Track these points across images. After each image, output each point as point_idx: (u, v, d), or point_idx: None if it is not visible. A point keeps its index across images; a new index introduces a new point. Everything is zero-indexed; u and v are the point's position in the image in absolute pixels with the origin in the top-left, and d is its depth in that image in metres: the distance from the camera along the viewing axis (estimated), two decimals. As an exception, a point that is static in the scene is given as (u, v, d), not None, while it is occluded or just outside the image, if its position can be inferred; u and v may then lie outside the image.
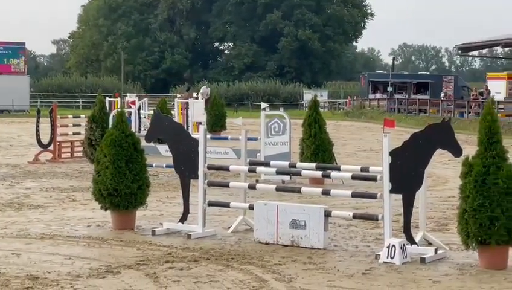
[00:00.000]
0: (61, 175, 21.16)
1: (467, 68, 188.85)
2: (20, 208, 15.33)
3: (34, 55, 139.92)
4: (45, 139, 25.31)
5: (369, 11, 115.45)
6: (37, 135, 25.53)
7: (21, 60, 76.12)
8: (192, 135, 13.63)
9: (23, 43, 78.83)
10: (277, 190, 12.96)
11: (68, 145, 25.80)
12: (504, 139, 10.64)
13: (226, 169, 13.46)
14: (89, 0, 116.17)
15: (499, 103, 46.98)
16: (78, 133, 26.29)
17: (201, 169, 12.51)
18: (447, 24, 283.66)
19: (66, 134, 26.46)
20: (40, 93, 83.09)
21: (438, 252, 11.04)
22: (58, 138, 25.52)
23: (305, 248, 11.54)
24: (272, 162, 13.47)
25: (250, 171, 13.02)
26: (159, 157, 20.10)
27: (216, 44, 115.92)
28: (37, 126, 25.69)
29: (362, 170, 11.84)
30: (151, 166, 16.33)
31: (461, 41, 62.97)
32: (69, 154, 25.59)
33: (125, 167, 12.81)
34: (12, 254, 11.03)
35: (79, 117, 29.42)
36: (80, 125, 26.81)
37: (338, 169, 12.67)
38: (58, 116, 26.49)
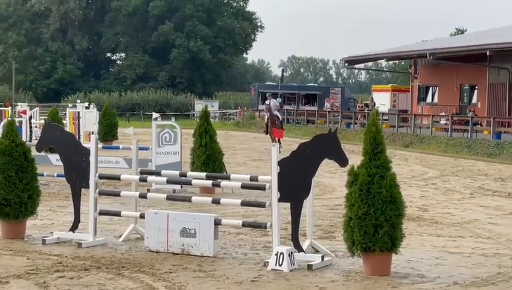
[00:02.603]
0: (-50, 184, 20.63)
1: (354, 80, 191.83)
2: None
3: None
4: None
5: (259, 23, 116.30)
6: None
7: None
8: (83, 145, 13.48)
9: None
10: (168, 199, 12.91)
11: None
12: (388, 149, 10.84)
13: (117, 178, 13.37)
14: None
15: (383, 114, 47.85)
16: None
17: (93, 178, 12.39)
18: (335, 37, 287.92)
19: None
20: None
21: (325, 259, 11.16)
22: None
23: (196, 256, 11.53)
24: (163, 172, 13.42)
25: (141, 180, 12.95)
26: (50, 167, 19.80)
27: (108, 54, 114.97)
28: None
29: (251, 179, 11.88)
30: (42, 175, 16.08)
31: (348, 54, 63.92)
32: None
33: (16, 176, 12.61)
34: None
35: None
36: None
37: (228, 178, 12.71)
38: None
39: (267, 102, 39.01)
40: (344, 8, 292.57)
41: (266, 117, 38.06)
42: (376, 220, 10.29)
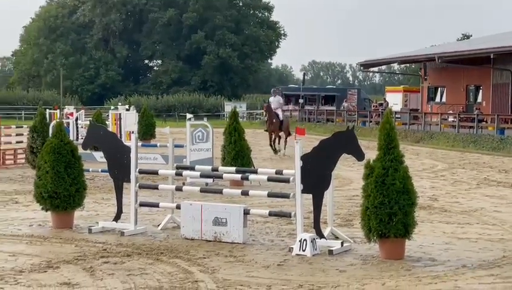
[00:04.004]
0: (5, 180, 20.78)
1: (369, 82, 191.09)
2: (-33, 210, 15.02)
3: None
4: (-9, 148, 24.88)
5: (282, 32, 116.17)
6: (-17, 143, 25.06)
7: (-32, 76, 74.62)
8: (124, 143, 13.52)
9: (-31, 61, 77.28)
10: (201, 191, 12.93)
11: (12, 153, 25.38)
12: (400, 144, 10.79)
13: (156, 173, 13.39)
14: (30, 21, 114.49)
15: (396, 112, 47.68)
16: (21, 142, 25.89)
17: (133, 173, 12.42)
18: (352, 43, 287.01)
19: (10, 142, 26.03)
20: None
21: (344, 245, 11.14)
22: (3, 146, 25.08)
23: (227, 242, 11.53)
24: (197, 167, 13.43)
25: (177, 174, 12.96)
26: (95, 163, 19.90)
27: (146, 61, 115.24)
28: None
29: (277, 172, 11.88)
30: (88, 171, 16.14)
31: (363, 58, 63.65)
32: (13, 161, 25.18)
33: (64, 171, 12.66)
34: (-40, 252, 10.81)
35: (22, 127, 28.95)
36: (22, 134, 26.40)
37: (255, 172, 12.70)
38: (2, 127, 26.03)
39: (270, 99, 32.22)
40: (359, 16, 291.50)
41: (266, 115, 32.01)
42: (390, 209, 10.26)
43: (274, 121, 30.67)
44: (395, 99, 59.69)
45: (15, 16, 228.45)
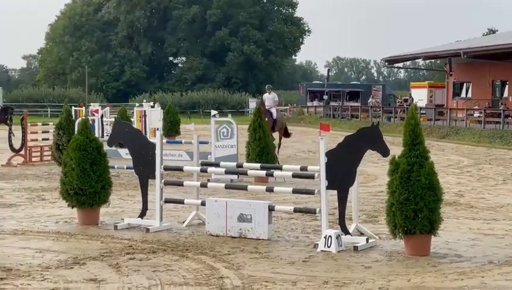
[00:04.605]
0: (32, 177, 20.92)
1: (393, 78, 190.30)
2: (-5, 207, 15.14)
3: (6, 69, 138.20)
4: (17, 145, 25.04)
5: (306, 28, 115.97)
6: (10, 141, 25.23)
7: (-6, 74, 75.25)
8: (149, 140, 13.57)
9: (-4, 59, 77.87)
10: (226, 187, 12.95)
11: (38, 150, 25.54)
12: (425, 140, 10.74)
13: (181, 170, 13.43)
14: (55, 19, 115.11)
15: (421, 108, 47.47)
16: (47, 139, 26.04)
17: (158, 170, 12.46)
18: (376, 39, 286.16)
19: (36, 140, 26.18)
20: (12, 103, 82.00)
21: (369, 241, 11.11)
22: (29, 144, 25.25)
23: (252, 239, 11.54)
24: (222, 163, 13.46)
25: (202, 171, 12.99)
26: (120, 160, 19.98)
27: (170, 58, 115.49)
28: (10, 133, 25.39)
29: (301, 169, 11.87)
30: (113, 167, 16.20)
31: (388, 54, 63.47)
32: (39, 158, 25.34)
33: (90, 168, 12.72)
34: (-12, 248, 10.90)
35: (48, 124, 29.10)
36: (48, 132, 26.55)
37: (280, 169, 12.69)
38: (29, 124, 26.19)
39: (264, 96, 29.28)
40: (384, 12, 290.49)
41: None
42: (416, 205, 10.22)
43: (266, 119, 27.33)
44: (420, 95, 59.43)
45: (41, 14, 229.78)
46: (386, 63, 63.73)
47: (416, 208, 10.22)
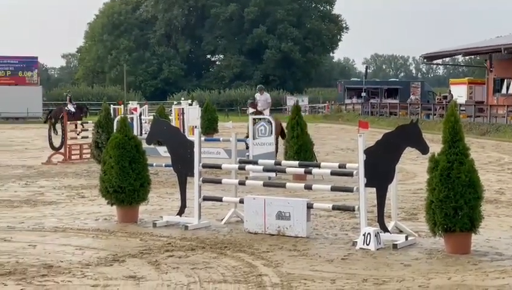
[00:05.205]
0: (72, 175, 21.11)
1: (432, 75, 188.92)
2: (35, 205, 15.30)
3: (46, 68, 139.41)
4: (57, 143, 25.28)
5: (344, 25, 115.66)
6: (49, 139, 25.47)
7: (34, 73, 76.04)
8: (187, 138, 13.61)
9: (36, 58, 78.80)
10: (264, 185, 12.95)
11: (77, 148, 25.76)
12: (465, 137, 10.66)
13: (219, 167, 13.46)
14: (94, 18, 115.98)
15: (460, 105, 47.10)
16: (86, 137, 26.25)
17: (197, 168, 12.50)
18: (414, 35, 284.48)
19: (75, 138, 26.42)
20: (52, 102, 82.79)
21: (408, 239, 11.05)
22: (68, 142, 25.47)
23: (290, 236, 11.53)
24: (260, 161, 13.47)
25: (240, 169, 13.01)
26: (159, 158, 20.05)
27: (208, 56, 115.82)
28: (49, 131, 25.63)
29: (340, 166, 11.85)
30: (152, 165, 16.29)
31: (427, 50, 63.03)
32: (78, 156, 25.56)
33: (129, 166, 12.79)
34: (29, 245, 11.00)
35: (87, 123, 29.35)
36: (87, 130, 26.76)
37: (318, 166, 12.67)
38: (68, 122, 26.43)
39: (256, 96, 28.01)
40: (422, 7, 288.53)
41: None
42: (456, 203, 10.15)
43: None
44: (459, 92, 58.95)
45: (80, 13, 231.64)
46: (425, 60, 63.39)
47: (456, 205, 10.15)
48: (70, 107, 42.12)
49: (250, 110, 25.77)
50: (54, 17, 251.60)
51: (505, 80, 54.05)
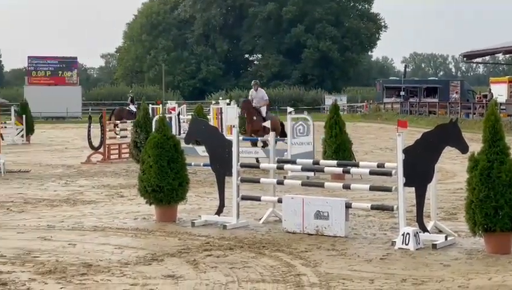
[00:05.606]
0: (111, 174, 21.26)
1: (472, 74, 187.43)
2: (75, 204, 15.43)
3: (85, 68, 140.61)
4: (96, 142, 25.47)
5: (382, 23, 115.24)
6: (89, 138, 25.69)
7: (74, 73, 76.76)
8: (226, 137, 13.64)
9: (76, 58, 79.56)
10: (302, 184, 12.93)
11: (116, 148, 25.93)
12: (506, 137, 10.56)
13: (257, 167, 13.46)
14: (133, 18, 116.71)
15: (501, 104, 46.66)
16: (125, 137, 26.42)
17: (235, 167, 12.51)
18: (453, 33, 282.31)
19: (114, 137, 26.59)
20: (91, 101, 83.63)
21: (448, 239, 10.97)
22: (107, 141, 25.65)
23: (329, 236, 11.50)
24: (298, 160, 13.45)
25: (278, 168, 13.00)
26: (197, 157, 20.11)
27: (246, 55, 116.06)
28: (89, 131, 25.85)
29: (378, 166, 11.79)
30: (190, 165, 16.34)
31: (466, 49, 62.58)
32: (117, 155, 25.72)
33: (167, 166, 12.83)
34: (69, 244, 11.09)
35: (125, 122, 29.54)
36: (126, 129, 26.92)
37: (357, 165, 12.62)
38: (107, 122, 26.61)
39: (250, 92, 25.34)
40: (461, 6, 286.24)
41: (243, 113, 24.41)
42: (496, 203, 10.05)
43: (255, 118, 24.01)
44: (500, 91, 58.35)
45: (119, 13, 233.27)
46: (465, 58, 62.83)
47: (496, 205, 10.05)
48: (132, 107, 42.38)
49: (289, 108, 25.62)
50: (93, 18, 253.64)
51: (546, 79, 53.42)
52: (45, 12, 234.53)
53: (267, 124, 15.11)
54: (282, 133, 23.34)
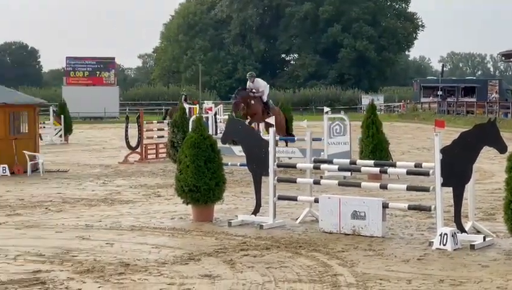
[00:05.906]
0: (148, 174, 21.36)
1: (510, 73, 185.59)
2: (113, 203, 15.53)
3: (123, 69, 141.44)
4: (133, 142, 25.60)
5: (420, 23, 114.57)
6: (126, 138, 25.83)
7: (111, 73, 77.23)
8: (263, 137, 13.64)
9: (113, 58, 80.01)
10: (339, 184, 12.91)
11: (153, 147, 26.05)
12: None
13: (294, 167, 13.45)
14: (170, 19, 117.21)
15: (540, 103, 46.14)
16: (162, 137, 26.54)
17: (272, 167, 12.51)
18: (492, 32, 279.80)
19: (152, 137, 26.73)
20: (128, 101, 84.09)
21: (486, 239, 10.88)
22: (145, 141, 25.78)
23: (365, 236, 11.47)
24: (335, 160, 13.42)
25: (315, 168, 12.98)
26: (234, 157, 20.15)
27: (283, 55, 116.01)
28: (126, 131, 25.99)
29: (416, 166, 11.73)
30: (227, 165, 16.38)
31: (505, 48, 61.97)
32: (154, 155, 25.84)
33: (204, 166, 12.86)
34: (107, 243, 11.17)
35: (163, 122, 29.67)
36: (163, 129, 27.04)
37: (394, 165, 12.57)
38: (145, 122, 26.75)
39: (248, 83, 24.04)
40: (499, 5, 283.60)
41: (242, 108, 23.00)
42: (535, 203, 9.95)
43: (253, 102, 23.11)
44: (538, 90, 57.81)
45: (156, 14, 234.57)
46: (503, 58, 62.29)
47: (535, 206, 9.95)
48: (186, 106, 42.63)
49: (326, 108, 25.55)
50: (130, 18, 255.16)
51: None
52: (83, 13, 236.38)
53: (271, 120, 14.68)
54: (286, 129, 23.34)
